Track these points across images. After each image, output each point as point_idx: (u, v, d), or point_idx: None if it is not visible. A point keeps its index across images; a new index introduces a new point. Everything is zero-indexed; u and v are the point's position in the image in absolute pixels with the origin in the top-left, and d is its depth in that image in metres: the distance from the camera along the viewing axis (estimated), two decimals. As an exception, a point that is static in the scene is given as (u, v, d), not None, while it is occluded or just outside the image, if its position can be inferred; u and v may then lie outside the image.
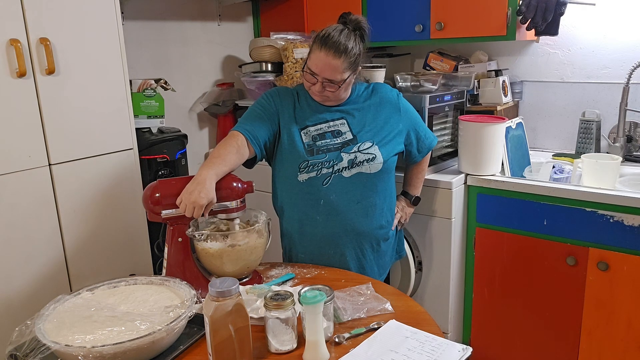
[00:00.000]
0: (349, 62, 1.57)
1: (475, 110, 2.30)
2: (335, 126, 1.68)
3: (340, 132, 1.66)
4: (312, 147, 1.65)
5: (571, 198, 1.86)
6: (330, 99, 1.66)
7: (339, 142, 1.65)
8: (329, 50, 1.55)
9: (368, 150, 1.64)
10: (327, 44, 1.55)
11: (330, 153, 1.63)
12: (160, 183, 1.45)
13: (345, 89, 1.66)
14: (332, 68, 1.56)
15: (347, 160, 1.63)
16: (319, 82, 1.60)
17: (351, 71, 1.61)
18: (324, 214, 1.65)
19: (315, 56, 1.58)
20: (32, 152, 1.71)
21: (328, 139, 1.66)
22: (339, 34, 1.56)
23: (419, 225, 2.13)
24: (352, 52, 1.57)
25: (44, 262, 1.76)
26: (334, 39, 1.55)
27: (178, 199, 1.40)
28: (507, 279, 2.07)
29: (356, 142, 1.65)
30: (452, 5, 2.21)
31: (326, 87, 1.60)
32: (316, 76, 1.59)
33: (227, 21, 2.79)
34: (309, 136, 1.66)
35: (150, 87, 2.18)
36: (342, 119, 1.68)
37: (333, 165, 1.62)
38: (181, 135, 2.23)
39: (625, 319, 1.82)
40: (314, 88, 1.62)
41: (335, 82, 1.59)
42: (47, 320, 1.16)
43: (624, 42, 2.23)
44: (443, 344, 1.16)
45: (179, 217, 1.43)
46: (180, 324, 1.15)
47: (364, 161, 1.63)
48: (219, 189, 1.46)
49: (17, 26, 1.63)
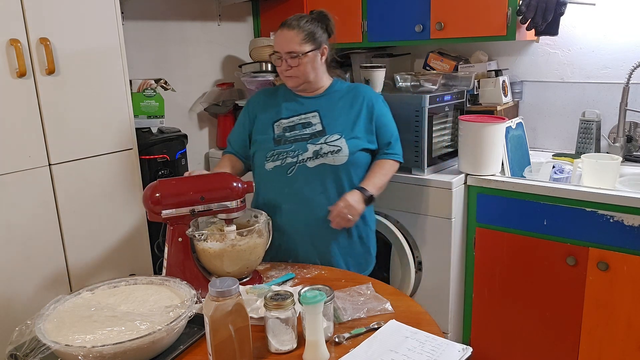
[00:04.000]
0: (305, 34, 1.69)
1: (475, 110, 2.30)
2: (307, 118, 1.74)
3: (311, 124, 1.73)
4: (281, 137, 1.73)
5: (571, 198, 1.86)
6: (299, 77, 1.71)
7: (307, 133, 1.71)
8: (282, 28, 1.71)
9: (334, 142, 1.68)
10: (282, 23, 1.73)
11: (297, 143, 1.70)
12: (160, 183, 1.45)
13: (312, 67, 1.72)
14: (288, 39, 1.68)
15: (312, 151, 1.68)
16: (283, 59, 1.70)
17: (312, 46, 1.70)
18: (289, 203, 1.70)
19: (275, 39, 1.74)
20: (32, 152, 1.71)
21: (298, 130, 1.73)
22: (296, 14, 1.74)
23: (419, 225, 2.13)
24: (305, 25, 1.70)
25: (44, 262, 1.76)
26: (287, 20, 1.72)
27: None
28: (507, 279, 2.07)
29: (324, 134, 1.70)
30: (452, 5, 2.21)
31: (290, 63, 1.69)
32: (279, 54, 1.71)
33: (227, 21, 2.79)
34: (281, 128, 1.74)
35: (150, 87, 2.18)
36: (315, 112, 1.74)
37: (298, 155, 1.68)
38: (181, 135, 2.23)
39: (625, 319, 1.82)
40: (282, 68, 1.72)
41: (295, 53, 1.68)
42: (47, 320, 1.16)
43: (624, 42, 2.23)
44: (443, 344, 1.16)
45: (179, 217, 1.43)
46: (180, 324, 1.15)
47: (328, 152, 1.67)
48: (219, 188, 1.46)
49: (17, 26, 1.63)
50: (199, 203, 1.44)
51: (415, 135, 2.06)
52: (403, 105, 2.07)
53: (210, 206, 1.46)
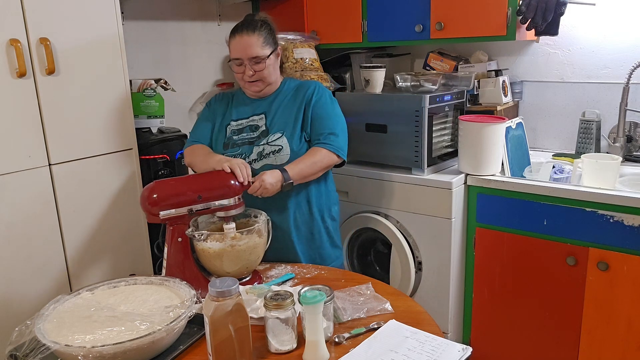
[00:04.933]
0: (264, 36, 1.68)
1: (475, 110, 2.30)
2: (254, 121, 1.75)
3: (257, 127, 1.74)
4: (229, 140, 1.74)
5: (571, 198, 1.86)
6: (264, 81, 1.71)
7: (254, 135, 1.72)
8: (241, 32, 1.68)
9: (276, 142, 1.69)
10: (237, 29, 1.69)
11: (243, 146, 1.71)
12: (157, 184, 1.45)
13: (274, 69, 1.73)
14: (251, 44, 1.66)
15: (256, 153, 1.69)
16: (247, 65, 1.68)
17: (271, 48, 1.70)
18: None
19: (233, 46, 1.70)
20: (32, 152, 1.71)
21: (245, 133, 1.74)
22: (245, 19, 1.72)
23: (419, 225, 2.13)
24: (261, 27, 1.69)
25: (44, 262, 1.76)
26: (243, 23, 1.71)
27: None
28: (507, 279, 2.07)
29: (267, 134, 1.71)
30: (452, 5, 2.21)
31: (255, 68, 1.68)
32: (241, 61, 1.68)
33: (227, 21, 2.79)
34: (230, 131, 1.76)
35: (150, 87, 2.18)
36: (262, 114, 1.75)
37: (244, 158, 1.68)
38: (181, 135, 2.22)
39: (625, 319, 1.82)
40: (246, 75, 1.70)
41: (260, 57, 1.67)
42: (47, 320, 1.16)
43: (624, 42, 2.23)
44: (443, 344, 1.16)
45: (177, 217, 1.43)
46: (180, 324, 1.15)
47: (270, 153, 1.68)
48: (216, 187, 1.46)
49: (17, 26, 1.63)
50: (196, 202, 1.44)
51: (415, 136, 2.07)
52: (403, 105, 2.08)
53: (209, 205, 1.46)
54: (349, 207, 2.30)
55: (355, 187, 2.28)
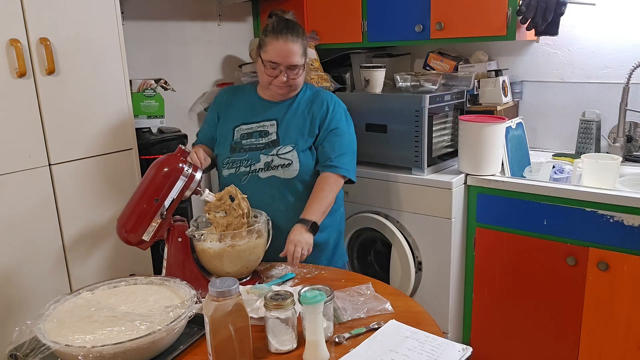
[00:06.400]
0: (304, 44, 1.64)
1: (475, 110, 2.30)
2: (264, 127, 1.70)
3: (267, 133, 1.69)
4: (237, 144, 1.71)
5: (571, 198, 1.86)
6: (292, 87, 1.68)
7: (262, 142, 1.68)
8: (286, 36, 1.59)
9: (286, 155, 1.65)
10: (282, 31, 1.60)
11: (251, 152, 1.68)
12: (119, 219, 1.45)
13: (304, 77, 1.70)
14: (294, 52, 1.61)
15: (263, 162, 1.66)
16: (282, 71, 1.62)
17: (304, 58, 1.66)
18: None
19: (273, 47, 1.61)
20: (32, 152, 1.71)
21: (254, 138, 1.69)
22: (286, 21, 1.63)
23: (419, 225, 2.13)
24: (303, 35, 1.64)
25: (43, 262, 1.76)
26: (286, 25, 1.61)
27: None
28: (507, 279, 2.07)
29: (277, 144, 1.67)
30: (452, 5, 2.21)
31: (290, 75, 1.63)
32: (278, 66, 1.62)
33: (227, 21, 2.79)
34: (239, 134, 1.71)
35: (150, 87, 2.18)
36: (274, 120, 1.70)
37: (250, 165, 1.66)
38: (181, 135, 2.23)
39: (625, 319, 1.82)
40: (278, 80, 1.64)
41: (298, 66, 1.62)
42: (47, 320, 1.16)
43: (624, 42, 2.23)
44: (443, 344, 1.16)
45: (162, 224, 1.41)
46: (180, 324, 1.15)
47: (279, 166, 1.65)
48: (160, 179, 1.42)
49: (17, 26, 1.63)
50: (159, 206, 1.41)
51: (415, 135, 2.07)
52: (403, 105, 2.08)
53: (171, 197, 1.42)
54: (349, 207, 2.30)
55: (355, 187, 2.27)
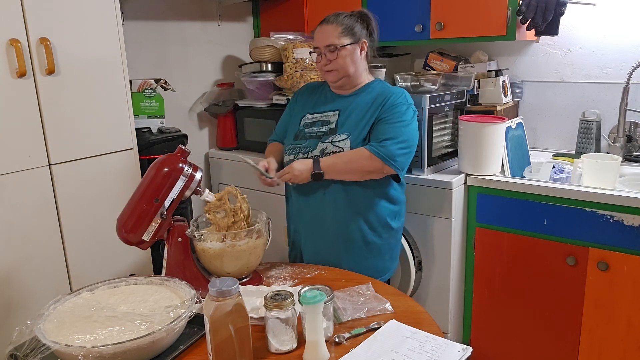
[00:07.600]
0: (343, 27, 1.68)
1: (475, 110, 2.30)
2: (327, 116, 1.74)
3: (329, 122, 1.72)
4: (300, 132, 1.76)
5: (571, 198, 1.86)
6: (339, 71, 1.69)
7: (323, 130, 1.72)
8: (321, 24, 1.72)
9: (339, 143, 1.67)
10: (320, 23, 1.74)
11: (310, 140, 1.71)
12: (118, 219, 1.43)
13: (351, 60, 1.69)
14: (327, 33, 1.68)
15: (319, 150, 1.68)
16: (322, 54, 1.70)
17: (351, 39, 1.69)
18: (296, 195, 1.76)
19: (314, 36, 1.74)
20: (32, 152, 1.71)
21: (316, 127, 1.73)
22: (332, 14, 1.73)
23: (419, 225, 2.13)
24: (344, 20, 1.69)
25: (43, 262, 1.76)
26: (326, 17, 1.74)
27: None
28: (507, 279, 2.07)
29: (335, 132, 1.69)
30: (452, 5, 2.21)
31: (329, 57, 1.68)
32: (318, 50, 1.71)
33: (227, 21, 2.79)
34: (304, 123, 1.77)
35: (150, 87, 2.18)
36: (337, 110, 1.74)
37: (308, 152, 1.69)
38: (181, 135, 2.23)
39: (625, 319, 1.82)
40: (321, 63, 1.71)
41: (333, 46, 1.67)
42: (47, 320, 1.16)
43: (624, 42, 2.23)
44: (443, 344, 1.16)
45: (163, 224, 1.41)
46: (180, 324, 1.15)
47: (331, 153, 1.66)
48: (161, 179, 1.40)
49: (17, 26, 1.63)
50: (159, 205, 1.40)
51: (415, 135, 2.06)
52: (403, 105, 2.07)
53: (171, 197, 1.41)
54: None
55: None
